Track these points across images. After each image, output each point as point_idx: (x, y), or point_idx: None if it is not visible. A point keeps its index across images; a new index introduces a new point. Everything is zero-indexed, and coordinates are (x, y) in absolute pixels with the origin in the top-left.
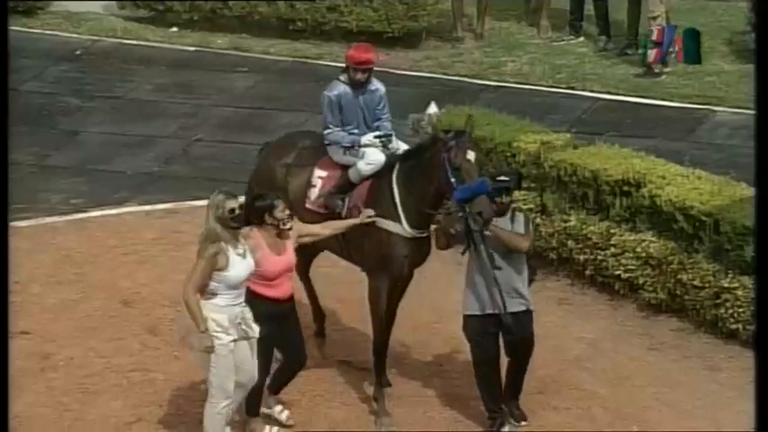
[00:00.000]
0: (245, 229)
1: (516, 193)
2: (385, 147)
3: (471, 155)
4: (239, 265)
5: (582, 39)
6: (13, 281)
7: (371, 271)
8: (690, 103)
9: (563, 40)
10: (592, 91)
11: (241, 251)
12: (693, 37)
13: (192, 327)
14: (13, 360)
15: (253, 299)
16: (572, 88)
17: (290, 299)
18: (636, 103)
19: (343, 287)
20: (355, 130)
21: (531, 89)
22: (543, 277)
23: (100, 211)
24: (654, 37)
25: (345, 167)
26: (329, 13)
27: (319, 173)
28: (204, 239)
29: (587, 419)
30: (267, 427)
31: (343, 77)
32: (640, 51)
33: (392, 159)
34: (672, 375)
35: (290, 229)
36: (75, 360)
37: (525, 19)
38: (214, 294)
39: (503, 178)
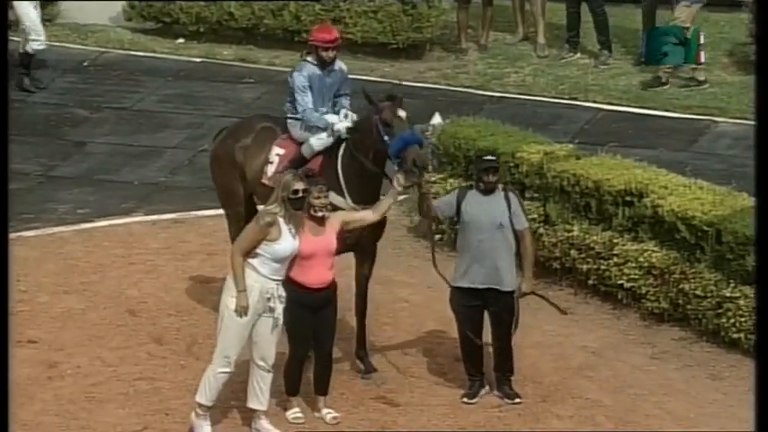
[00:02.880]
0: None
1: None
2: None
3: (402, 113)
4: (288, 241)
5: (579, 54)
6: (20, 290)
7: None
8: (691, 113)
9: (563, 59)
10: (594, 102)
11: (293, 231)
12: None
13: (196, 335)
14: (20, 368)
15: (289, 284)
16: (575, 99)
17: (325, 290)
18: (638, 113)
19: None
20: (322, 108)
21: (534, 100)
22: (546, 286)
23: (107, 220)
24: (703, 40)
25: (302, 144)
26: (334, 25)
27: (277, 150)
28: (266, 209)
29: (590, 427)
30: (295, 408)
31: (310, 58)
32: (644, 59)
33: (341, 136)
34: (674, 384)
35: (321, 216)
36: (81, 369)
37: (515, 33)
38: (257, 257)
39: (489, 158)
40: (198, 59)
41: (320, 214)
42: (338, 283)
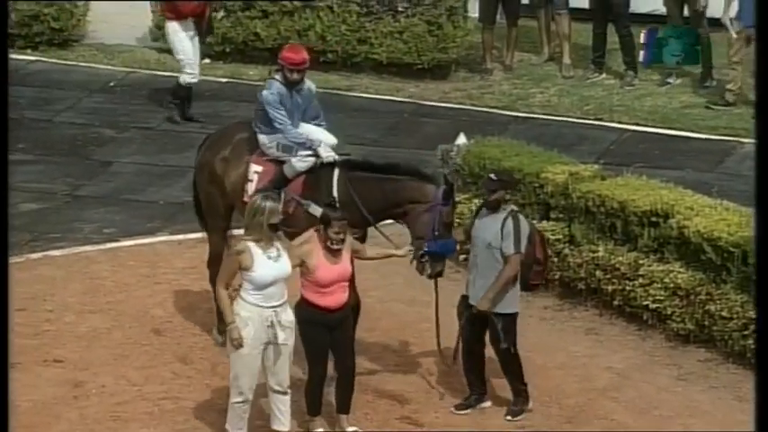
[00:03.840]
0: (307, 233)
1: (545, 224)
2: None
3: (452, 215)
4: (266, 266)
5: (605, 74)
6: (46, 309)
7: None
8: (718, 134)
9: (588, 79)
10: (620, 122)
11: (274, 254)
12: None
13: (221, 355)
14: (46, 388)
15: (305, 306)
16: (600, 120)
17: (342, 309)
18: (664, 134)
19: None
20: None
21: (559, 121)
22: (571, 307)
23: (132, 240)
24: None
25: (279, 162)
26: (360, 45)
27: (255, 168)
28: (241, 237)
29: None
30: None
31: (278, 77)
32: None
33: (333, 159)
34: (700, 406)
35: (338, 249)
36: (107, 388)
37: (541, 54)
38: (244, 290)
39: (491, 176)
40: (224, 79)
41: (336, 248)
42: (361, 304)
